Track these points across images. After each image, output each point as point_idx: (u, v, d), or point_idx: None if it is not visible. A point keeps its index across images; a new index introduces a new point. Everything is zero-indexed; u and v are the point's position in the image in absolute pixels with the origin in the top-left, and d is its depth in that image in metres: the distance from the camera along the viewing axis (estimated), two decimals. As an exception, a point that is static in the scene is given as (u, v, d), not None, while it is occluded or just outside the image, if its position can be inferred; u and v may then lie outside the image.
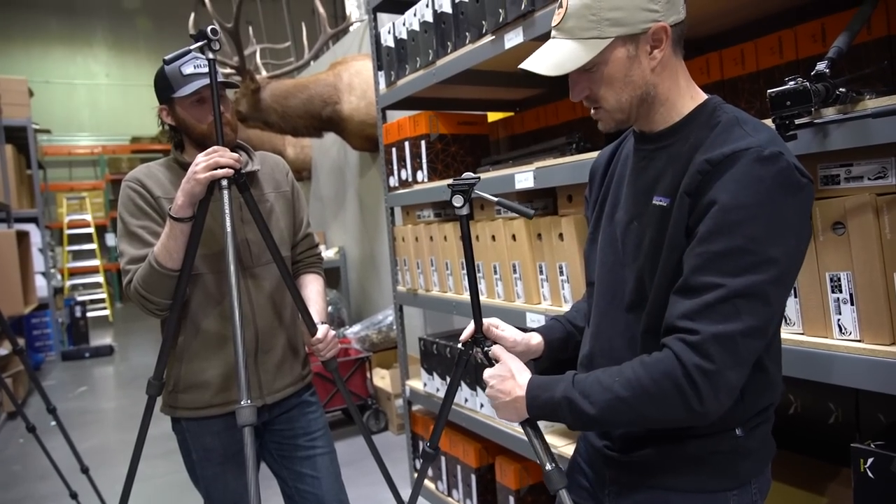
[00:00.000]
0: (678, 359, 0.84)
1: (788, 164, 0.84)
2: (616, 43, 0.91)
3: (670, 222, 0.91)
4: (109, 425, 4.42)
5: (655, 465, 0.99)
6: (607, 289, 1.05)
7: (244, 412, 1.28)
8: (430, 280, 2.50)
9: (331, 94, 3.96)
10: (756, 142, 0.86)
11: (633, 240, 0.99)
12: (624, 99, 0.94)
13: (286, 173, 1.68)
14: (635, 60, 0.92)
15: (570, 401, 0.92)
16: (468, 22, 2.08)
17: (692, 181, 0.88)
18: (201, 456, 1.52)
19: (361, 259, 4.85)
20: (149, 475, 3.16)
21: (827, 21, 1.48)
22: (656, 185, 0.96)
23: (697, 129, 0.94)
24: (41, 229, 6.42)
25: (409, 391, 2.79)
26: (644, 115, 0.97)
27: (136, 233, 1.45)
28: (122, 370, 6.21)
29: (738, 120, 0.92)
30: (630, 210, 1.01)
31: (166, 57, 1.42)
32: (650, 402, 0.86)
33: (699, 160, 0.88)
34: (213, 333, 1.50)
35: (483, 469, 2.40)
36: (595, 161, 1.19)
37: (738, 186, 0.84)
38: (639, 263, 0.97)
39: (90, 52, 11.38)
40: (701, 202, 0.87)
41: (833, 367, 1.18)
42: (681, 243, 0.90)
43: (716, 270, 0.84)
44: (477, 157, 2.53)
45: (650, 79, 0.94)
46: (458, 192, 1.13)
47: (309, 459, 1.60)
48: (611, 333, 1.03)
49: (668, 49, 0.93)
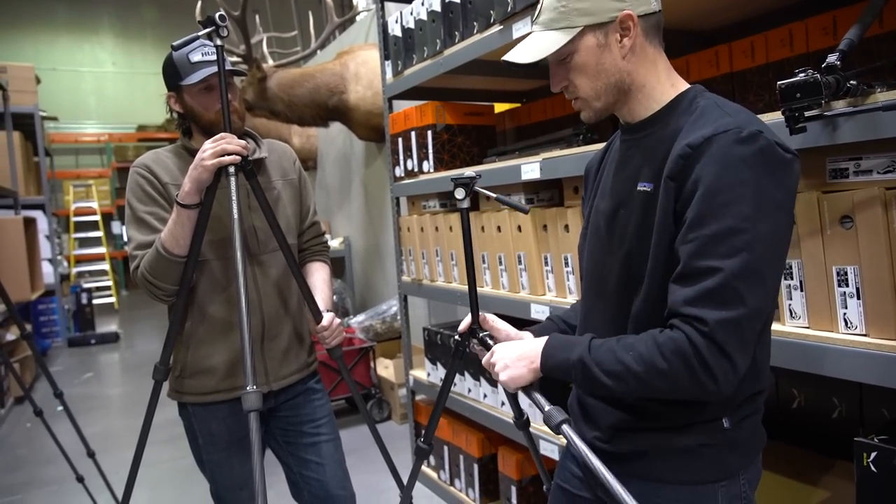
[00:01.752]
0: (691, 343, 0.85)
1: (769, 141, 0.86)
2: (585, 32, 0.96)
3: (657, 207, 0.92)
4: (115, 411, 4.46)
5: (644, 457, 1.00)
6: (594, 278, 1.07)
7: (250, 398, 1.28)
8: (434, 270, 2.50)
9: (337, 83, 3.95)
10: (734, 122, 0.87)
11: (618, 228, 1.01)
12: (599, 86, 0.98)
13: (293, 161, 1.68)
14: (605, 48, 0.96)
15: (584, 365, 0.93)
16: (476, 11, 2.07)
17: (675, 165, 0.89)
18: (207, 441, 1.54)
19: (366, 249, 4.85)
20: (154, 460, 3.19)
21: (838, 14, 1.47)
22: (640, 172, 0.98)
23: (678, 116, 0.96)
24: (48, 216, 6.45)
25: (412, 381, 2.80)
26: (623, 104, 1.00)
27: (144, 219, 1.46)
28: (127, 357, 6.25)
29: (717, 104, 0.94)
30: (614, 198, 1.03)
31: (174, 43, 1.42)
32: (661, 378, 0.88)
33: (680, 144, 0.90)
34: (219, 320, 1.51)
35: (485, 459, 2.41)
36: (589, 161, 1.21)
37: (720, 168, 0.85)
38: (624, 249, 0.99)
39: (97, 39, 11.38)
40: (685, 186, 0.88)
41: (838, 361, 1.17)
42: (669, 228, 0.91)
43: (711, 254, 0.84)
44: (483, 148, 2.52)
45: (622, 66, 0.97)
46: (461, 186, 1.19)
47: (314, 446, 1.62)
48: (599, 323, 1.05)
49: (640, 37, 0.97)
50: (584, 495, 1.13)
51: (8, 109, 5.74)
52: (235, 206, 1.37)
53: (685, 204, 0.88)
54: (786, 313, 1.28)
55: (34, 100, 6.25)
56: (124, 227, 1.52)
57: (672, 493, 0.99)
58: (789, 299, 1.27)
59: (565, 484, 1.18)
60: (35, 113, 6.25)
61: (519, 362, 1.01)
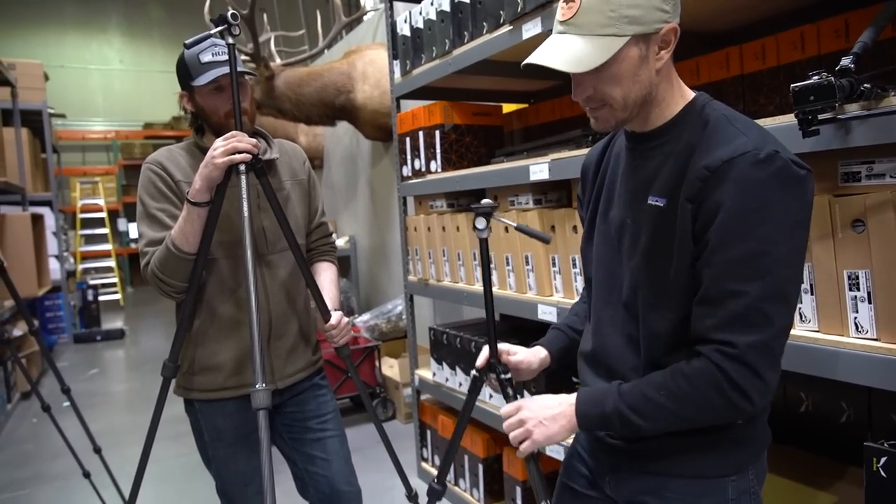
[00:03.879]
0: (720, 369, 0.87)
1: (784, 161, 0.86)
2: (631, 42, 0.90)
3: (673, 226, 0.92)
4: (120, 407, 4.48)
5: (656, 452, 1.01)
6: (605, 286, 1.07)
7: (259, 395, 1.29)
8: (441, 270, 2.50)
9: (344, 82, 3.95)
10: (751, 143, 0.87)
11: (628, 239, 1.01)
12: (631, 98, 0.94)
13: (303, 161, 1.69)
14: (645, 60, 0.92)
15: (620, 414, 0.95)
16: (486, 12, 2.06)
17: (692, 188, 0.89)
18: (213, 437, 1.54)
19: (372, 248, 4.86)
20: (159, 457, 3.20)
21: (850, 16, 1.46)
22: (651, 185, 0.97)
23: (689, 127, 0.95)
24: (55, 213, 6.47)
25: (418, 380, 2.80)
26: (641, 115, 0.98)
27: (155, 215, 1.46)
28: (132, 353, 6.28)
29: (727, 118, 0.93)
30: (625, 209, 1.02)
31: (186, 41, 1.42)
32: (698, 410, 0.91)
33: (698, 166, 0.89)
34: (227, 318, 1.51)
35: (490, 459, 2.41)
36: (585, 159, 1.19)
37: (740, 192, 0.85)
38: (635, 262, 0.99)
39: (104, 37, 11.43)
40: (704, 209, 0.89)
41: (848, 365, 1.17)
42: (688, 249, 0.91)
43: (736, 277, 0.86)
44: (491, 148, 2.52)
45: (654, 79, 0.94)
46: (482, 215, 1.15)
47: (319, 442, 1.62)
48: (610, 330, 1.06)
49: (671, 50, 0.94)
50: (591, 494, 1.14)
51: (16, 106, 5.77)
52: (246, 204, 1.37)
53: (704, 226, 0.89)
54: (796, 317, 1.28)
55: (42, 97, 6.28)
56: (135, 224, 1.53)
57: (683, 486, 1.00)
58: (800, 303, 1.27)
59: (571, 483, 1.18)
60: (43, 110, 6.27)
61: (554, 422, 1.01)
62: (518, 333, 2.32)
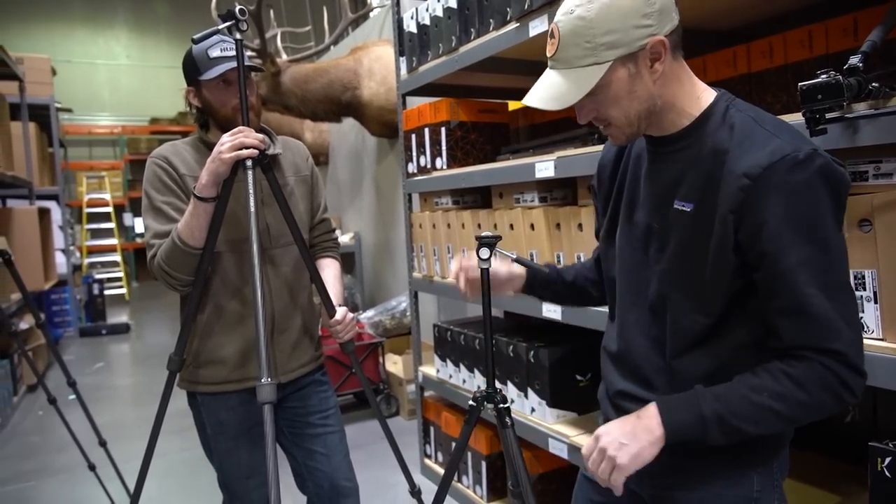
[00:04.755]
0: (833, 373, 0.87)
1: (824, 158, 0.86)
2: (615, 64, 0.91)
3: (707, 232, 0.92)
4: (125, 401, 4.50)
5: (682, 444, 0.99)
6: (629, 288, 1.07)
7: (265, 389, 1.30)
8: (445, 267, 2.50)
9: (351, 79, 3.96)
10: (789, 146, 0.86)
11: (655, 243, 1.01)
12: (632, 113, 0.95)
13: (306, 158, 1.70)
14: (637, 77, 0.92)
15: (720, 418, 0.90)
16: (492, 8, 2.06)
17: (734, 199, 0.89)
18: (216, 430, 1.55)
19: (376, 245, 4.86)
20: (164, 451, 3.21)
21: (859, 15, 1.46)
22: (676, 189, 0.97)
23: (713, 130, 0.94)
24: (62, 207, 6.51)
25: (421, 377, 2.81)
26: (654, 124, 0.98)
27: (161, 208, 1.47)
28: (137, 347, 6.31)
29: (755, 120, 0.92)
30: (650, 214, 1.02)
31: (195, 36, 1.43)
32: (808, 411, 0.90)
33: (735, 174, 0.88)
34: (231, 312, 1.52)
35: (493, 456, 2.41)
36: (603, 156, 1.19)
37: (786, 198, 0.86)
38: (663, 266, 0.99)
39: (112, 33, 11.45)
40: (748, 219, 0.88)
41: (853, 364, 1.16)
42: (727, 258, 0.91)
43: (807, 283, 0.86)
44: (496, 146, 2.52)
45: (654, 90, 0.94)
46: (485, 245, 1.17)
47: (320, 437, 1.63)
48: (636, 332, 1.06)
49: (668, 58, 0.93)
50: None
51: (24, 100, 5.79)
52: (252, 199, 1.38)
53: (752, 237, 0.88)
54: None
55: (50, 91, 6.31)
56: (141, 217, 1.54)
57: (710, 477, 1.00)
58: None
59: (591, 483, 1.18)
60: (50, 104, 6.30)
61: (635, 440, 0.92)
62: (522, 331, 2.32)
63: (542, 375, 2.05)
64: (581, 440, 1.89)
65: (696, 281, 0.95)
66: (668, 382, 1.01)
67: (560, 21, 0.92)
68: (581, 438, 1.90)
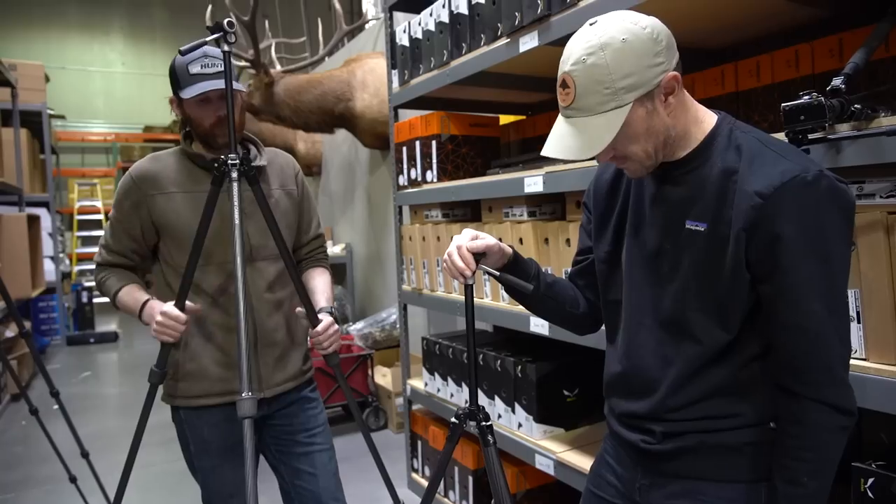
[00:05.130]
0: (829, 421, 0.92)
1: (829, 178, 0.90)
2: (635, 105, 0.93)
3: (723, 251, 0.95)
4: (111, 411, 4.45)
5: (690, 454, 1.02)
6: (637, 308, 1.08)
7: (245, 404, 1.29)
8: (435, 280, 2.50)
9: (344, 90, 3.96)
10: (797, 167, 0.90)
11: (667, 263, 1.03)
12: (650, 149, 0.98)
13: (295, 174, 1.68)
14: (654, 113, 0.95)
15: None
16: (484, 24, 2.08)
17: (747, 217, 0.91)
18: (199, 447, 1.53)
19: (368, 256, 4.85)
20: (147, 462, 3.18)
21: (844, 36, 1.47)
22: (688, 210, 0.99)
23: (720, 151, 0.97)
24: (52, 214, 6.47)
25: (409, 390, 2.79)
26: (666, 153, 1.01)
27: (115, 227, 1.55)
28: (125, 357, 6.25)
29: (762, 141, 0.96)
30: (661, 235, 1.03)
31: (182, 48, 1.42)
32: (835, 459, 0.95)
33: (747, 193, 0.91)
34: (212, 323, 1.51)
35: (480, 471, 2.39)
36: (600, 175, 1.19)
37: (798, 215, 0.89)
38: (677, 285, 1.01)
39: (107, 40, 11.45)
40: (759, 236, 0.91)
41: (837, 384, 1.16)
42: (741, 274, 0.94)
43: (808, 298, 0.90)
44: (487, 159, 2.52)
45: (669, 122, 0.97)
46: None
47: (307, 456, 1.61)
48: (643, 352, 1.07)
49: (679, 90, 0.96)
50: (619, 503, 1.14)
51: (16, 107, 5.78)
52: (237, 212, 1.37)
53: (762, 253, 0.92)
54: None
55: (42, 98, 6.29)
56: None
57: (718, 489, 1.02)
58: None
59: (599, 491, 1.18)
60: (43, 111, 6.28)
61: None
62: (510, 345, 2.32)
63: (529, 390, 2.04)
64: (568, 456, 1.88)
65: (714, 298, 0.97)
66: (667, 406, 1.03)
67: (574, 71, 0.93)
68: (568, 454, 1.89)
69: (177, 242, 1.50)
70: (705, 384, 1.00)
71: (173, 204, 1.49)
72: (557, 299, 1.22)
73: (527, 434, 2.06)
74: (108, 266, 1.58)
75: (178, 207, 1.49)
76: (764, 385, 0.99)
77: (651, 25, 0.93)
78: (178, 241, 1.49)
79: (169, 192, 1.49)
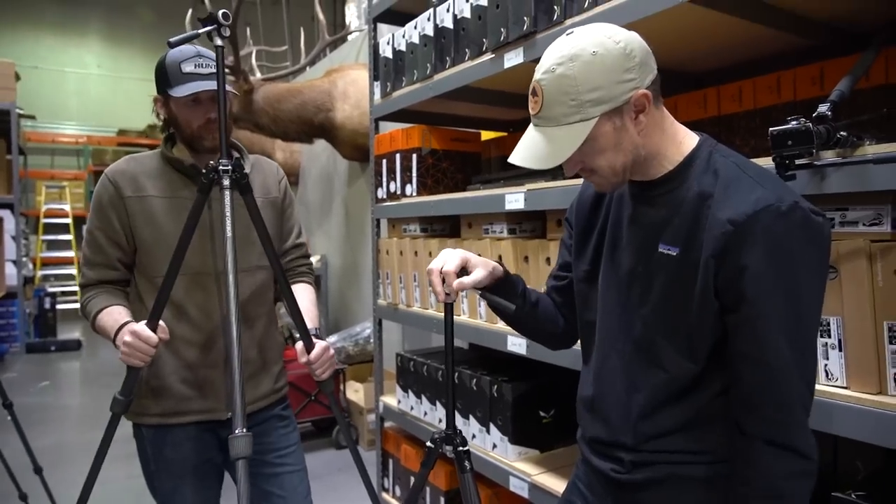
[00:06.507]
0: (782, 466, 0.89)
1: (804, 211, 0.87)
2: (601, 119, 0.91)
3: (692, 277, 0.92)
4: (70, 423, 4.28)
5: (661, 487, 1.00)
6: (609, 331, 1.05)
7: (239, 442, 1.21)
8: (411, 296, 2.46)
9: (324, 100, 3.93)
10: (772, 196, 0.88)
11: (638, 286, 1.00)
12: (618, 164, 0.96)
13: (279, 181, 1.63)
14: (622, 129, 0.93)
15: None
16: (469, 38, 2.06)
17: (717, 244, 0.89)
18: (160, 467, 1.45)
19: (343, 269, 4.79)
20: (108, 478, 3.04)
21: (826, 65, 1.49)
22: (661, 233, 0.97)
23: (697, 174, 0.95)
24: (16, 216, 6.27)
25: (382, 407, 2.73)
26: (638, 171, 0.99)
27: (93, 233, 1.44)
28: (88, 366, 6.05)
29: (740, 167, 0.94)
30: (634, 257, 1.01)
31: (171, 39, 1.36)
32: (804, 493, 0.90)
33: (719, 220, 0.89)
34: (179, 338, 1.43)
35: (452, 493, 2.34)
36: (583, 192, 1.18)
37: (768, 246, 0.86)
38: (647, 309, 0.98)
39: (83, 41, 11.24)
40: (728, 263, 0.89)
41: (818, 413, 1.14)
42: (709, 302, 0.91)
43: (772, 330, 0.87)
44: (468, 175, 2.50)
45: (638, 141, 0.95)
46: None
47: (277, 477, 1.53)
48: (612, 377, 1.04)
49: (651, 108, 0.93)
50: None
51: (-17, 106, 5.61)
52: (229, 223, 1.31)
53: (729, 282, 0.89)
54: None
55: (12, 97, 6.13)
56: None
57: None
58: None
59: None
60: (11, 110, 6.11)
61: None
62: (486, 363, 2.28)
63: (505, 411, 2.00)
64: (543, 479, 1.84)
65: (682, 326, 0.94)
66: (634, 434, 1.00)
67: (543, 80, 0.92)
68: (542, 477, 1.85)
69: (150, 251, 1.43)
70: (674, 416, 0.98)
71: (149, 209, 1.42)
72: (539, 318, 1.20)
73: (501, 455, 2.02)
74: (94, 285, 1.45)
75: (154, 213, 1.42)
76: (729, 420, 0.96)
77: (626, 41, 0.91)
78: (152, 249, 1.42)
79: (146, 195, 1.42)
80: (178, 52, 1.40)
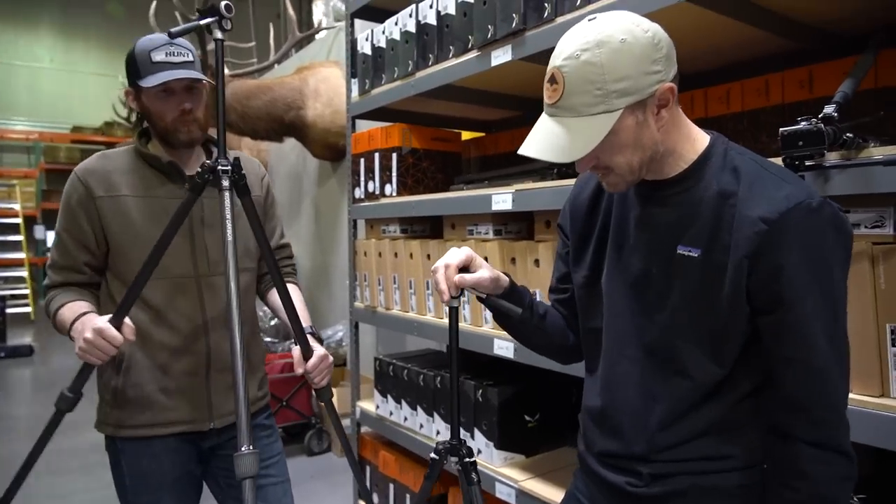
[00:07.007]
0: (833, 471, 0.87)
1: (833, 207, 0.86)
2: (625, 112, 0.86)
3: (720, 278, 0.89)
4: (20, 434, 4.05)
5: (682, 499, 0.96)
6: (618, 338, 1.01)
7: (245, 460, 1.13)
8: (390, 298, 2.40)
9: (295, 98, 3.83)
10: (802, 192, 0.86)
11: (654, 290, 0.96)
12: (635, 162, 0.91)
13: (261, 178, 1.56)
14: (643, 125, 0.88)
15: None
16: (453, 35, 2.02)
17: (750, 243, 0.86)
18: (137, 480, 1.36)
19: (313, 270, 4.68)
20: (66, 492, 2.89)
21: (815, 68, 1.50)
22: (679, 234, 0.93)
23: (715, 172, 0.92)
24: (-38, 215, 5.95)
25: (359, 412, 2.66)
26: (654, 169, 0.94)
27: (61, 235, 1.36)
28: (40, 373, 5.78)
29: (759, 164, 0.91)
30: (647, 259, 0.97)
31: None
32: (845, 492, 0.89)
33: (750, 218, 0.86)
34: (158, 343, 1.35)
35: (434, 499, 2.29)
36: (577, 193, 1.13)
37: (804, 244, 0.84)
38: (664, 315, 0.94)
39: (34, 34, 10.80)
40: (764, 263, 0.86)
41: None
42: (741, 302, 0.88)
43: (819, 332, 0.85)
44: (448, 175, 2.46)
45: (658, 138, 0.90)
46: None
47: (261, 490, 1.45)
48: (624, 386, 1.00)
49: (673, 104, 0.90)
50: None
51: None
52: (230, 226, 1.25)
53: (767, 280, 0.86)
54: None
55: (-42, 90, 5.81)
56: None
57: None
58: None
59: None
60: (-42, 104, 5.80)
61: None
62: (470, 367, 2.23)
63: (490, 415, 1.96)
64: (530, 485, 1.80)
65: (707, 329, 0.91)
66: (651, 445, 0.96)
67: (564, 67, 0.86)
68: (529, 483, 1.82)
69: (123, 253, 1.34)
70: (697, 423, 0.94)
71: (123, 209, 1.34)
72: (548, 331, 1.14)
73: (486, 461, 1.98)
74: (58, 286, 1.37)
75: (128, 213, 1.34)
76: (756, 424, 0.94)
77: (653, 30, 0.87)
78: (125, 251, 1.34)
79: (119, 195, 1.34)
80: (148, 40, 1.32)
